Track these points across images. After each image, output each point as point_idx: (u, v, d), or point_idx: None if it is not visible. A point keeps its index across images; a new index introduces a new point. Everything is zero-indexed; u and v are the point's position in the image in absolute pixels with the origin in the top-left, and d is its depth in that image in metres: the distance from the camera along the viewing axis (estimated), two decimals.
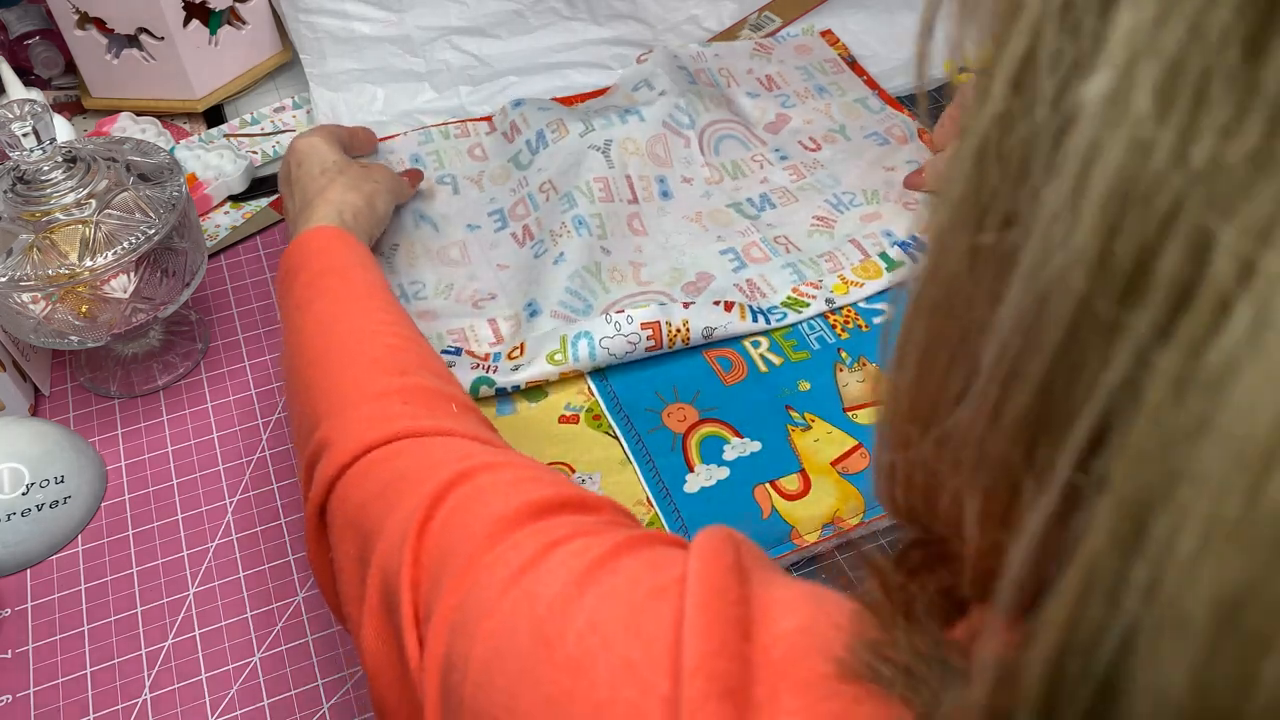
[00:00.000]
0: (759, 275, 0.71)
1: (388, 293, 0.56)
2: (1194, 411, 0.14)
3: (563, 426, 0.63)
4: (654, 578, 0.29)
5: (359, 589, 0.40)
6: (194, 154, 0.80)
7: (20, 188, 0.58)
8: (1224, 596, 0.13)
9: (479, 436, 0.45)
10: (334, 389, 0.48)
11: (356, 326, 0.52)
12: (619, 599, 0.29)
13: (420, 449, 0.43)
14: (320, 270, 0.57)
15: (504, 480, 0.38)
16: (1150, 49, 0.14)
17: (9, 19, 0.89)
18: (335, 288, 0.55)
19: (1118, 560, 0.15)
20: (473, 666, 0.31)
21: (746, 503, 0.58)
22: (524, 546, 0.33)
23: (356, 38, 0.88)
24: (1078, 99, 0.15)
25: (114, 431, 0.65)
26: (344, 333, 0.52)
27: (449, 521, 0.37)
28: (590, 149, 0.77)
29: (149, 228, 0.59)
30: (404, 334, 0.53)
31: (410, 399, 0.47)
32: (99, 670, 0.54)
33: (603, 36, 0.92)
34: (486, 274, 0.73)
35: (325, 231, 0.60)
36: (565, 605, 0.29)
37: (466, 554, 0.34)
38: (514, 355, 0.65)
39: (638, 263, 0.73)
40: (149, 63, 0.83)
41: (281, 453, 0.64)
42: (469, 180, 0.79)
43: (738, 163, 0.81)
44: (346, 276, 0.56)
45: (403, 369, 0.49)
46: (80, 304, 0.60)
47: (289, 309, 0.56)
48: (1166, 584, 0.14)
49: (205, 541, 0.59)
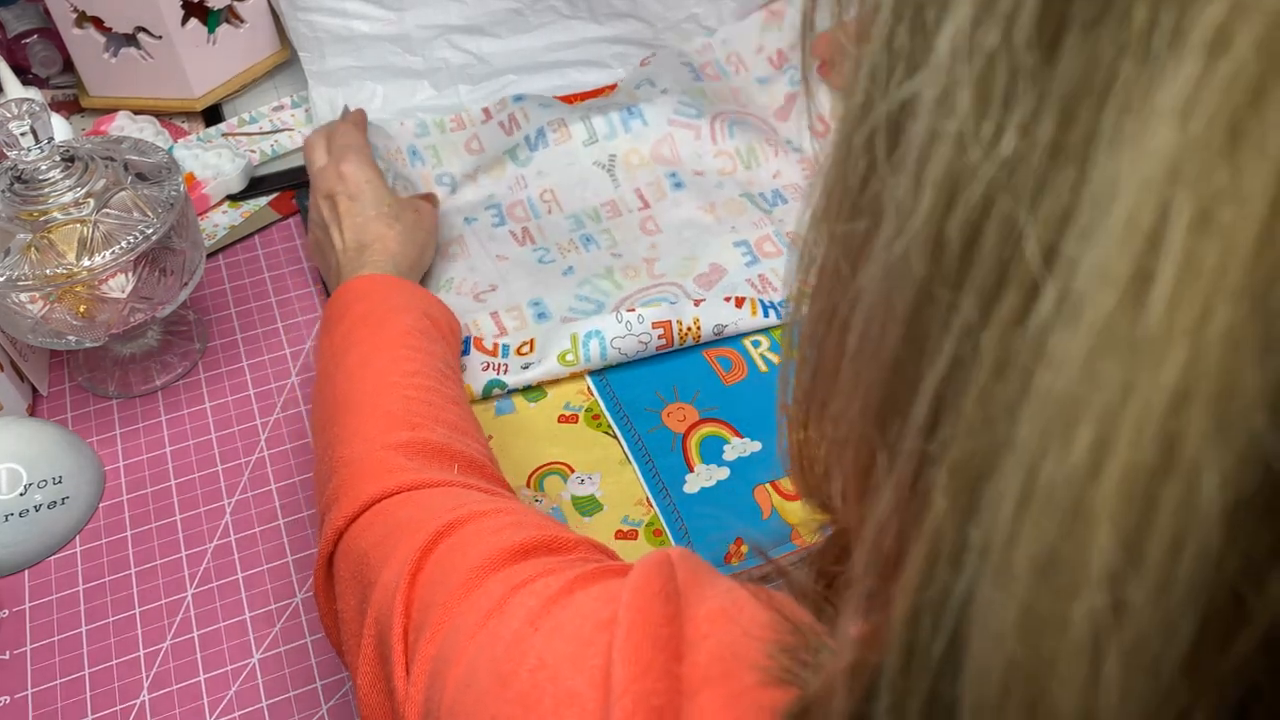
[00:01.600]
0: (771, 270, 0.71)
1: (421, 336, 0.57)
2: (1012, 386, 0.15)
3: (562, 426, 0.62)
4: (601, 611, 0.30)
5: (357, 638, 0.41)
6: (192, 153, 0.80)
7: (18, 187, 0.58)
8: (1038, 554, 0.15)
9: (477, 487, 0.46)
10: (349, 442, 0.49)
11: (378, 379, 0.53)
12: (567, 634, 0.30)
13: (417, 501, 0.44)
14: (360, 316, 0.57)
15: (487, 528, 0.40)
16: (969, 50, 0.16)
17: (7, 18, 0.89)
18: (368, 339, 0.56)
19: (957, 526, 0.16)
20: (443, 711, 0.32)
21: (746, 503, 0.58)
22: (493, 592, 0.34)
23: (355, 36, 0.87)
24: (916, 93, 0.17)
25: (112, 432, 0.65)
26: (366, 386, 0.53)
27: (434, 572, 0.38)
28: (595, 166, 0.78)
29: (147, 227, 0.59)
30: (424, 384, 0.53)
31: (415, 454, 0.48)
32: (97, 671, 0.54)
33: (603, 35, 0.91)
34: (486, 265, 0.73)
35: (376, 279, 0.61)
36: (519, 644, 0.31)
37: (444, 603, 0.36)
38: (523, 350, 0.65)
39: (651, 258, 0.73)
40: (147, 61, 0.82)
41: (280, 453, 0.64)
42: (466, 178, 0.79)
43: (752, 146, 0.80)
44: (383, 324, 0.57)
45: (413, 423, 0.50)
46: (78, 304, 0.59)
47: (325, 354, 0.57)
48: (994, 545, 0.15)
49: (203, 542, 0.59)
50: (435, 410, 0.52)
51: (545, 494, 0.59)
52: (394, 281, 0.61)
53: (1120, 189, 0.14)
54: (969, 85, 0.16)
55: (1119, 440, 0.14)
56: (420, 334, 0.57)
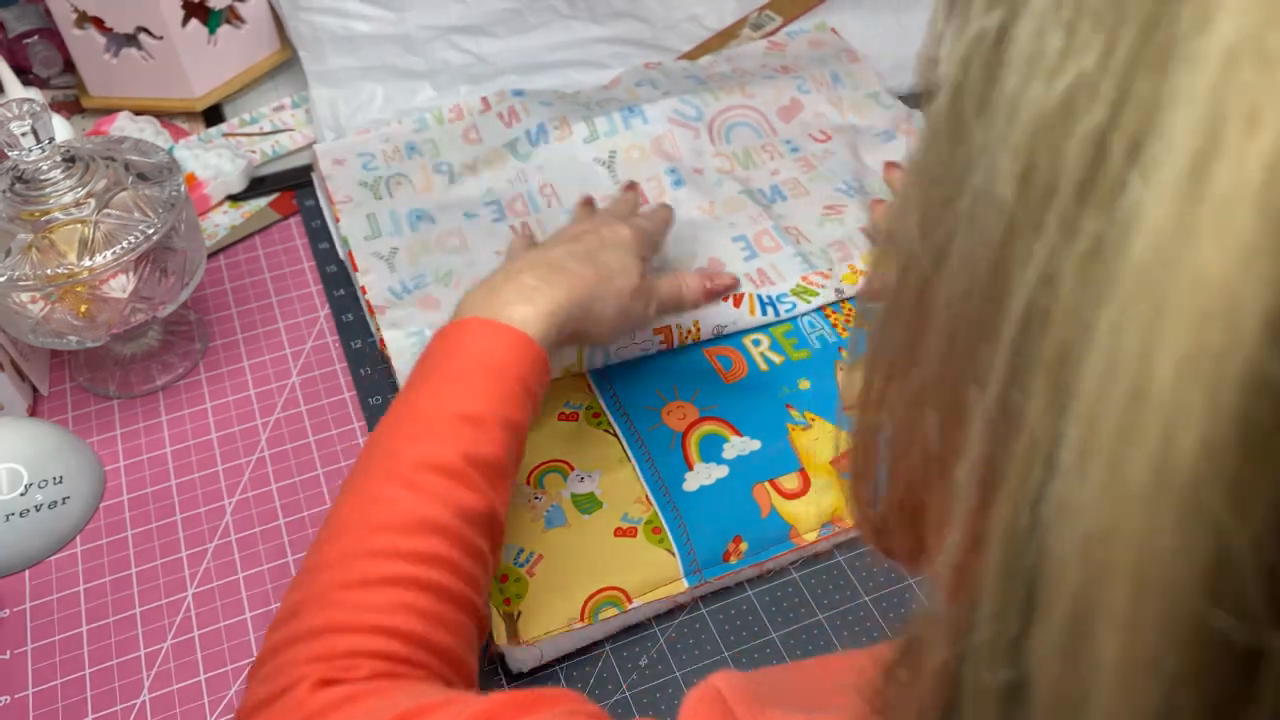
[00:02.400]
0: (769, 265, 0.71)
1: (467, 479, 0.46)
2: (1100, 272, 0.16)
3: (562, 424, 0.63)
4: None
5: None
6: (193, 153, 0.80)
7: (19, 187, 0.58)
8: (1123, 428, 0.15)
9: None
10: (331, 564, 0.44)
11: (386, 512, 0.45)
12: None
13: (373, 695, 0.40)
14: (430, 392, 0.48)
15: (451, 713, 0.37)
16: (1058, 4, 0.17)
17: (7, 18, 0.89)
18: (408, 446, 0.47)
19: (1050, 424, 0.17)
20: None
21: (746, 501, 0.58)
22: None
23: (356, 36, 0.88)
24: (1008, 23, 0.18)
25: (113, 432, 0.65)
26: (369, 507, 0.45)
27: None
28: (595, 163, 0.78)
29: (148, 227, 0.59)
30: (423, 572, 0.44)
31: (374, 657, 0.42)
32: (97, 671, 0.54)
33: (602, 35, 0.91)
34: (486, 259, 0.73)
35: (500, 334, 0.49)
36: None
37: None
38: None
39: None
40: (148, 62, 0.82)
41: (280, 453, 0.64)
42: (465, 167, 0.79)
43: (749, 150, 0.81)
44: (436, 433, 0.47)
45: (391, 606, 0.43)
46: (79, 304, 0.60)
47: (401, 394, 0.50)
48: (1087, 433, 0.16)
49: (204, 542, 0.59)
50: (419, 609, 0.43)
51: (545, 491, 0.59)
52: (521, 351, 0.49)
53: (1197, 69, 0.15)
54: (1059, 28, 0.17)
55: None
56: (471, 473, 0.46)
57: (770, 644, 0.53)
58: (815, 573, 0.57)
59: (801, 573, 0.57)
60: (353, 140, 0.82)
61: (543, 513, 0.58)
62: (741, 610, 0.55)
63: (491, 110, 0.83)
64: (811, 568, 0.57)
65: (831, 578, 0.56)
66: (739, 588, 0.56)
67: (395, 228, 0.75)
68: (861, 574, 0.56)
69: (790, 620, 0.54)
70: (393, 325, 0.67)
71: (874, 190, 0.78)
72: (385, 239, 0.74)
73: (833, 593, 0.56)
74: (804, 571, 0.57)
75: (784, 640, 0.54)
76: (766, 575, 0.57)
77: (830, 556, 0.57)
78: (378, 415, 0.65)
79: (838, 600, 0.55)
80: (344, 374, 0.68)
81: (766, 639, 0.54)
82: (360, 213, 0.76)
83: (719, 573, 0.56)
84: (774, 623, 0.54)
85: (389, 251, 0.74)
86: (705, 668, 0.53)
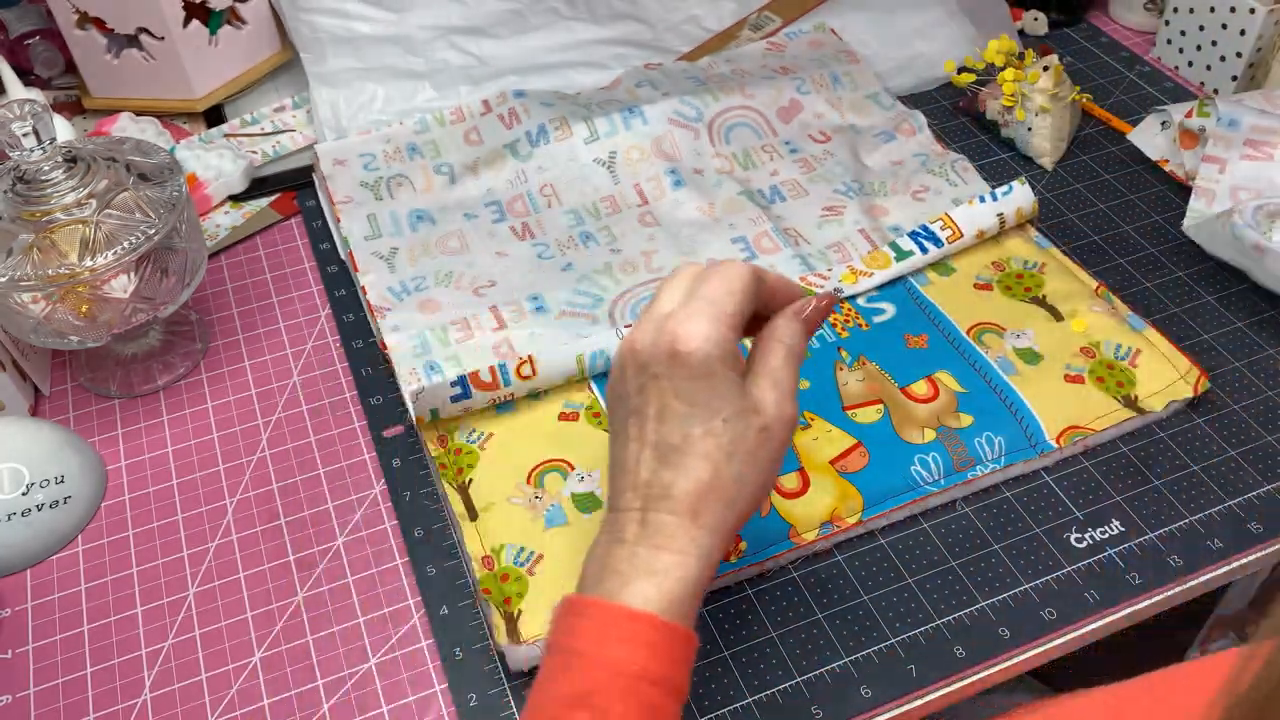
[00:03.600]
0: (768, 267, 0.71)
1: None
2: None
3: (563, 424, 0.63)
4: None
5: None
6: (194, 154, 0.80)
7: (20, 187, 0.58)
8: None
9: None
10: None
11: None
12: None
13: None
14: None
15: None
16: None
17: (9, 18, 0.89)
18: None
19: None
20: None
21: None
22: None
23: (357, 37, 0.88)
24: None
25: (114, 431, 0.65)
26: None
27: None
28: (595, 163, 0.78)
29: (149, 227, 0.59)
30: None
31: None
32: (99, 670, 0.54)
33: (602, 36, 0.92)
34: (485, 260, 0.73)
35: (623, 628, 0.40)
36: None
37: None
38: (525, 374, 0.63)
39: (649, 251, 0.74)
40: (149, 63, 0.83)
41: (281, 453, 0.64)
42: (465, 168, 0.80)
43: (749, 151, 0.81)
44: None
45: None
46: (80, 304, 0.60)
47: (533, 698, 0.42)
48: None
49: (205, 541, 0.59)
50: None
51: (545, 490, 0.59)
52: (650, 641, 0.40)
53: None
54: None
55: None
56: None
57: (770, 643, 0.54)
58: (815, 572, 0.57)
59: (801, 572, 0.57)
60: (354, 141, 0.82)
61: (543, 512, 0.58)
62: (741, 610, 0.55)
63: (492, 112, 0.83)
64: (811, 567, 0.57)
65: (831, 578, 0.57)
66: (739, 587, 0.56)
67: (396, 228, 0.75)
68: (861, 574, 0.56)
69: (790, 620, 0.55)
70: (394, 329, 0.68)
71: (873, 191, 0.78)
72: (386, 239, 0.75)
73: (832, 593, 0.56)
74: (804, 571, 0.57)
75: (784, 640, 0.54)
76: (766, 575, 0.57)
77: (830, 556, 0.57)
78: (378, 415, 0.65)
79: (838, 600, 0.55)
80: (345, 374, 0.68)
81: (766, 638, 0.54)
82: (361, 213, 0.76)
83: (719, 572, 0.56)
84: (773, 622, 0.54)
85: (389, 251, 0.74)
86: (705, 667, 0.53)
